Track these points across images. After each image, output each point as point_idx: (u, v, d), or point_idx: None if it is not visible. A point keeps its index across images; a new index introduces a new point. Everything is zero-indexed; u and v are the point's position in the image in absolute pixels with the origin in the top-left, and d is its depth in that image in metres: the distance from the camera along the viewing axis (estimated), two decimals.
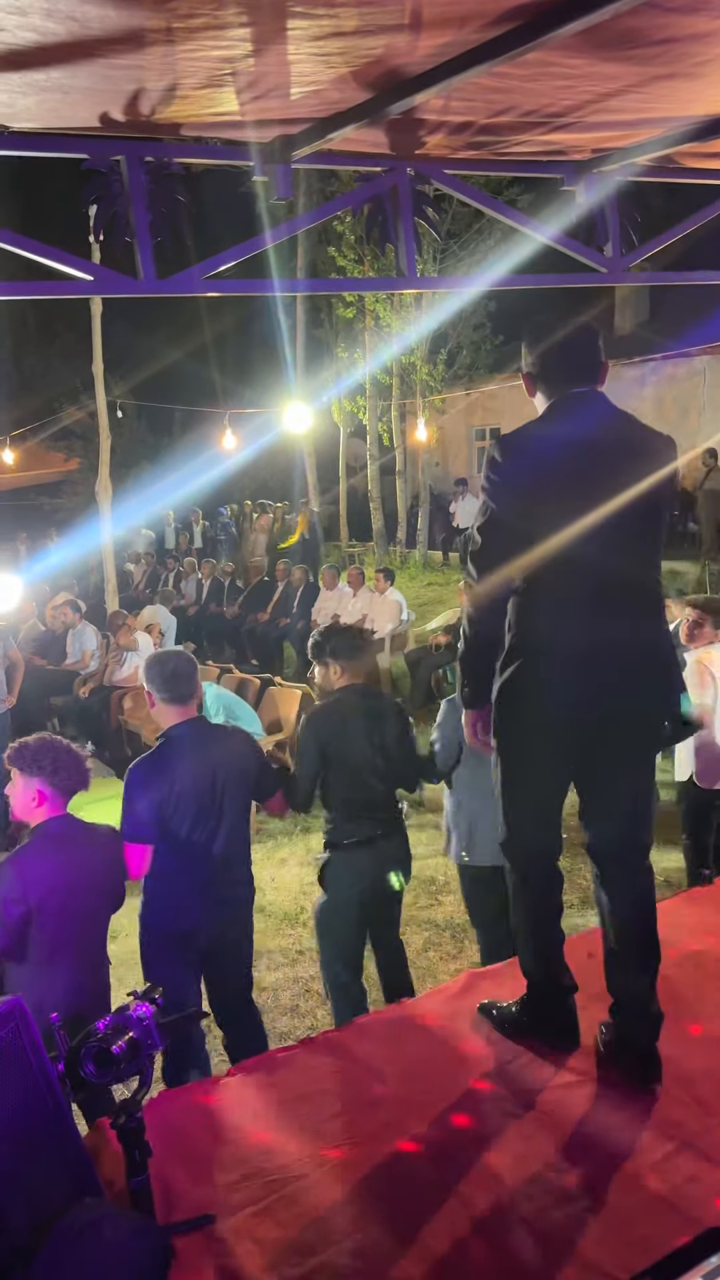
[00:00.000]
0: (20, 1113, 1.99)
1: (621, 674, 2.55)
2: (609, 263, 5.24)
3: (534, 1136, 2.40)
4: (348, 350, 20.13)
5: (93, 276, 4.25)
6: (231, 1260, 2.06)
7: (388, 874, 3.85)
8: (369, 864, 3.80)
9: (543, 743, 2.64)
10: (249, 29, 2.88)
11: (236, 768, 3.55)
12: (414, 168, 4.66)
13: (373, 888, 3.83)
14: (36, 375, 26.92)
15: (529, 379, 2.70)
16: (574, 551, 2.48)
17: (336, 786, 3.79)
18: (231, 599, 13.64)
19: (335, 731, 3.77)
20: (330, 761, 3.76)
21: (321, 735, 3.77)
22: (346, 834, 3.79)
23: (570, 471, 2.54)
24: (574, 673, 2.55)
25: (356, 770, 3.77)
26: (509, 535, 2.56)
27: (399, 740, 3.91)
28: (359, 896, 3.81)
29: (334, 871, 3.83)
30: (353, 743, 3.76)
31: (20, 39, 2.82)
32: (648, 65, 3.38)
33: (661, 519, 2.66)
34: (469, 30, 2.96)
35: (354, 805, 3.78)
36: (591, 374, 2.66)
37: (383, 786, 3.85)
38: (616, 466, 2.56)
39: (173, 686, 3.49)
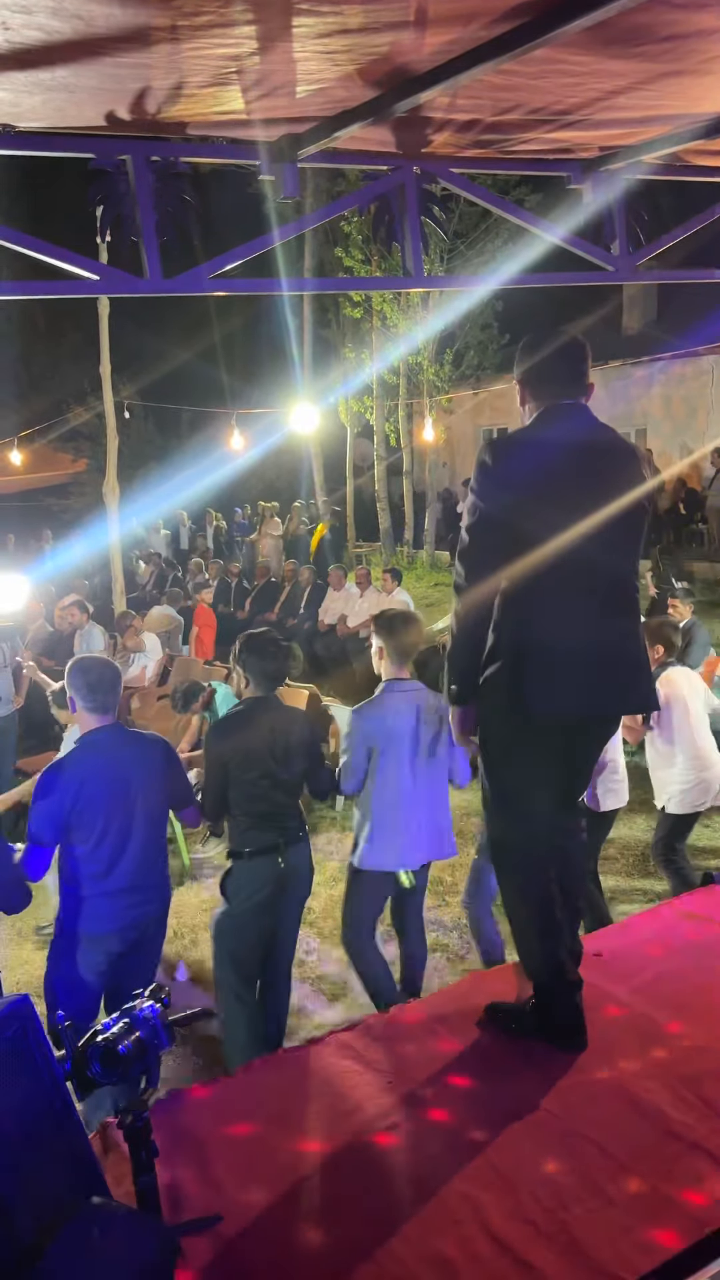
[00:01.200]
0: (27, 1111, 1.99)
1: (603, 671, 2.66)
2: (616, 261, 5.23)
3: (541, 1137, 2.39)
4: (355, 350, 20.13)
5: (99, 276, 4.26)
6: (238, 1260, 2.06)
7: (289, 883, 3.84)
8: (270, 873, 3.78)
9: (529, 739, 2.70)
10: (255, 26, 2.88)
11: (151, 776, 3.54)
12: (420, 166, 4.65)
13: (273, 897, 3.81)
14: (45, 376, 26.98)
15: (520, 387, 2.83)
16: (561, 551, 2.57)
17: (238, 797, 3.78)
18: (240, 599, 13.64)
19: (236, 744, 3.77)
20: (231, 773, 3.76)
21: (222, 747, 3.78)
22: (247, 843, 3.78)
23: (559, 472, 2.64)
24: (559, 670, 2.61)
25: (257, 781, 3.77)
26: (498, 534, 2.63)
27: (305, 752, 3.92)
28: (258, 906, 3.79)
29: (235, 881, 3.82)
30: (254, 754, 3.75)
31: (26, 38, 2.82)
32: (655, 62, 3.36)
33: (643, 522, 2.77)
34: (475, 27, 2.95)
35: (255, 816, 3.78)
36: (579, 388, 2.78)
37: (284, 798, 3.85)
38: (601, 469, 2.69)
39: (95, 695, 3.51)
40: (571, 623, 2.61)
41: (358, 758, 3.99)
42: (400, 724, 3.99)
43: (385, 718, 4.00)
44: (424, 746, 4.05)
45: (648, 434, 19.22)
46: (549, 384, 2.76)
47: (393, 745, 3.99)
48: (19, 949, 5.43)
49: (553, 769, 2.78)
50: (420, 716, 4.03)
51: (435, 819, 4.10)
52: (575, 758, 2.84)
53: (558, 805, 2.84)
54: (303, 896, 4.00)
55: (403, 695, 4.05)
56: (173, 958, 5.25)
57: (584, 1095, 2.54)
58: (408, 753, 4.00)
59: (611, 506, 2.62)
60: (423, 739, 4.04)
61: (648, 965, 3.17)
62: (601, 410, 2.81)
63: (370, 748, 3.98)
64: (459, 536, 2.72)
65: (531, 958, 2.84)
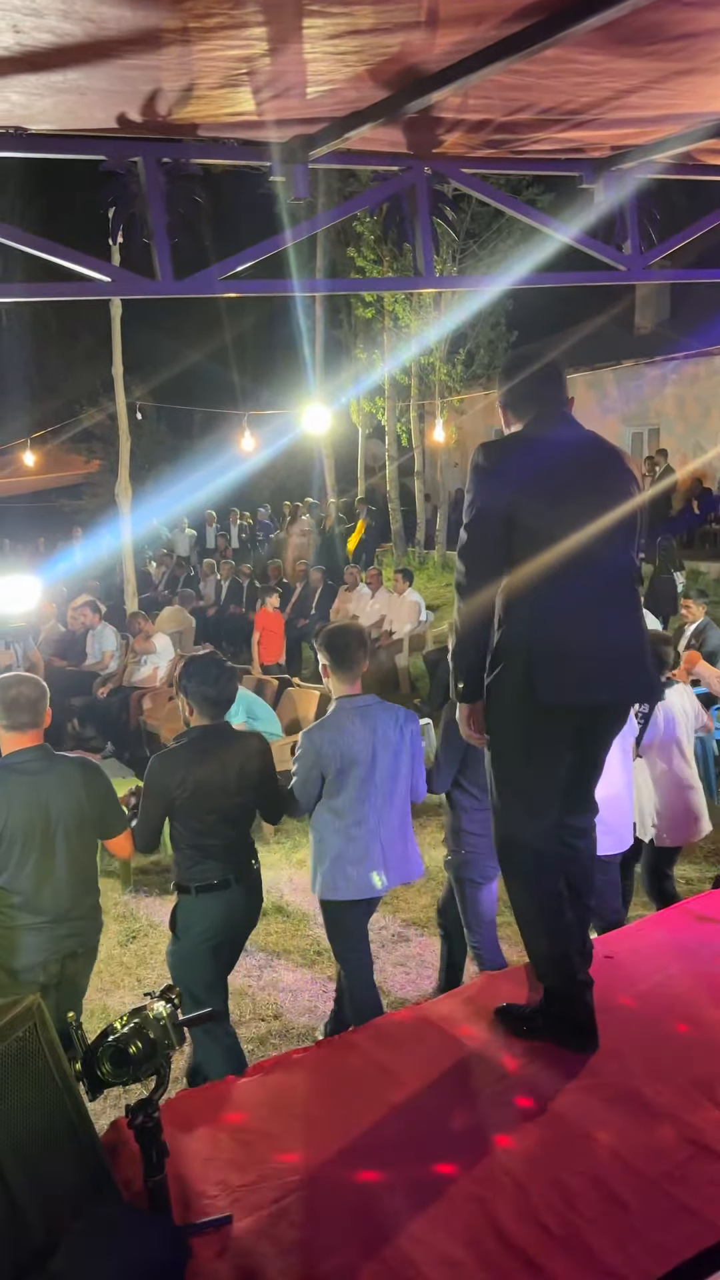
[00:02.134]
0: (37, 1112, 1.99)
1: (608, 660, 2.67)
2: (628, 261, 5.21)
3: (551, 1140, 2.39)
4: (366, 351, 20.13)
5: (111, 278, 4.27)
6: (248, 1260, 2.06)
7: (239, 919, 3.65)
8: (219, 910, 3.58)
9: (538, 735, 2.70)
10: (265, 28, 2.88)
11: (71, 801, 3.39)
12: (432, 167, 4.65)
13: (224, 932, 3.61)
14: (58, 378, 27.09)
15: (504, 410, 2.91)
16: (560, 544, 2.59)
17: (185, 831, 3.57)
18: (251, 600, 13.66)
19: (183, 777, 3.52)
20: (178, 808, 3.55)
21: (167, 781, 3.54)
22: (195, 878, 3.57)
23: (552, 467, 2.70)
24: (565, 662, 2.62)
25: (204, 816, 3.55)
26: (496, 530, 2.65)
27: (257, 783, 3.68)
28: (209, 941, 3.57)
29: (184, 917, 3.60)
30: (203, 788, 3.52)
31: (37, 40, 2.83)
32: (667, 60, 3.35)
33: (637, 515, 2.79)
34: (486, 27, 2.95)
35: (203, 850, 3.57)
36: (559, 407, 2.85)
37: (234, 832, 3.63)
38: (593, 464, 2.75)
39: (12, 714, 3.37)
40: (575, 615, 2.63)
41: (310, 780, 3.79)
42: (355, 742, 3.78)
43: (339, 737, 3.78)
44: (383, 765, 3.84)
45: (661, 434, 19.15)
46: (531, 407, 2.84)
47: (349, 766, 3.78)
48: None
49: (561, 766, 2.77)
50: (378, 731, 3.83)
51: (399, 840, 3.92)
52: (584, 753, 2.84)
53: (567, 803, 2.83)
54: (250, 928, 3.78)
55: (357, 712, 3.83)
56: None
57: (595, 1098, 2.53)
58: (365, 772, 3.79)
59: (605, 499, 2.67)
60: (380, 757, 3.83)
61: (659, 967, 3.16)
62: (614, 410, 2.85)
63: (323, 769, 3.78)
64: (460, 535, 2.73)
65: (541, 959, 2.84)
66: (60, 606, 11.18)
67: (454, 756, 4.08)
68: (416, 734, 3.97)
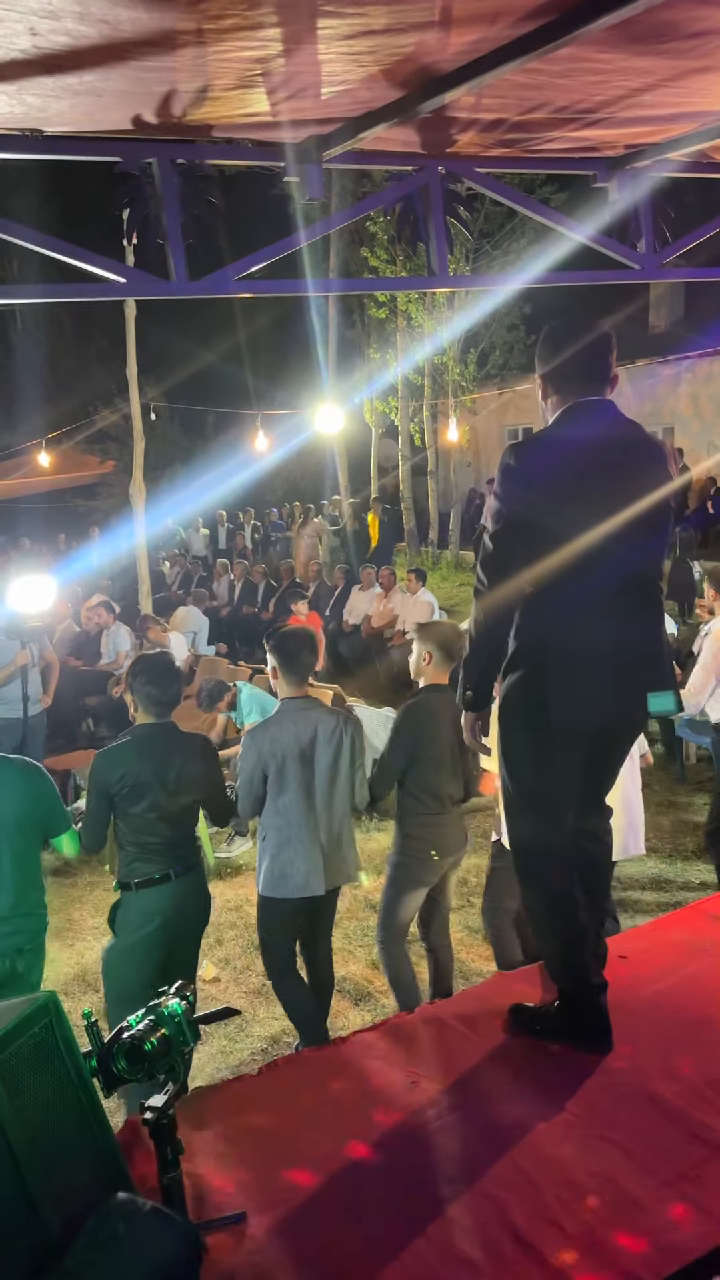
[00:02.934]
0: (53, 1108, 2.00)
1: (628, 674, 2.62)
2: (642, 259, 5.20)
3: (565, 1139, 2.39)
4: (380, 351, 20.14)
5: (126, 279, 4.29)
6: (263, 1258, 2.06)
7: (178, 915, 3.65)
8: (159, 905, 3.60)
9: (552, 745, 2.67)
10: (279, 29, 2.89)
11: (13, 804, 3.43)
12: (446, 166, 4.65)
13: (164, 929, 3.61)
14: (72, 379, 27.23)
15: (543, 383, 2.75)
16: (585, 552, 2.52)
17: (125, 829, 3.62)
18: (266, 600, 13.69)
19: (121, 774, 3.56)
20: (117, 805, 3.58)
21: (107, 778, 3.57)
22: (134, 874, 3.61)
23: (584, 473, 2.58)
24: (582, 677, 2.58)
25: (144, 814, 3.58)
26: (520, 539, 2.57)
27: (199, 783, 3.70)
28: (146, 941, 3.58)
29: (124, 914, 3.63)
30: (141, 786, 3.56)
31: (54, 43, 2.85)
32: (681, 59, 3.34)
33: (669, 522, 2.72)
34: (500, 26, 2.95)
35: (142, 847, 3.61)
36: (603, 383, 2.71)
37: (173, 830, 3.65)
38: (628, 469, 2.62)
39: None
40: (595, 627, 2.56)
41: (252, 781, 3.87)
42: (296, 745, 3.85)
43: (280, 736, 3.86)
44: (323, 768, 3.91)
45: (675, 432, 19.10)
46: (572, 380, 2.68)
47: (288, 767, 3.85)
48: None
49: (576, 773, 2.74)
50: (318, 736, 3.89)
51: (336, 843, 3.97)
52: (599, 762, 2.81)
53: (582, 809, 2.81)
54: (197, 929, 3.81)
55: (300, 715, 3.91)
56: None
57: (609, 1097, 2.53)
58: (303, 773, 3.87)
59: (636, 505, 2.55)
60: (320, 760, 3.90)
61: (673, 967, 3.15)
62: (628, 409, 2.76)
63: (265, 768, 3.85)
64: (481, 542, 2.66)
65: (555, 961, 2.83)
66: (75, 606, 11.23)
67: (398, 761, 4.08)
68: (358, 739, 4.01)
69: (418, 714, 4.10)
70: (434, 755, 4.06)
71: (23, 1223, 1.86)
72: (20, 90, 3.32)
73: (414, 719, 4.09)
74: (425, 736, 4.05)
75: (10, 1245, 1.83)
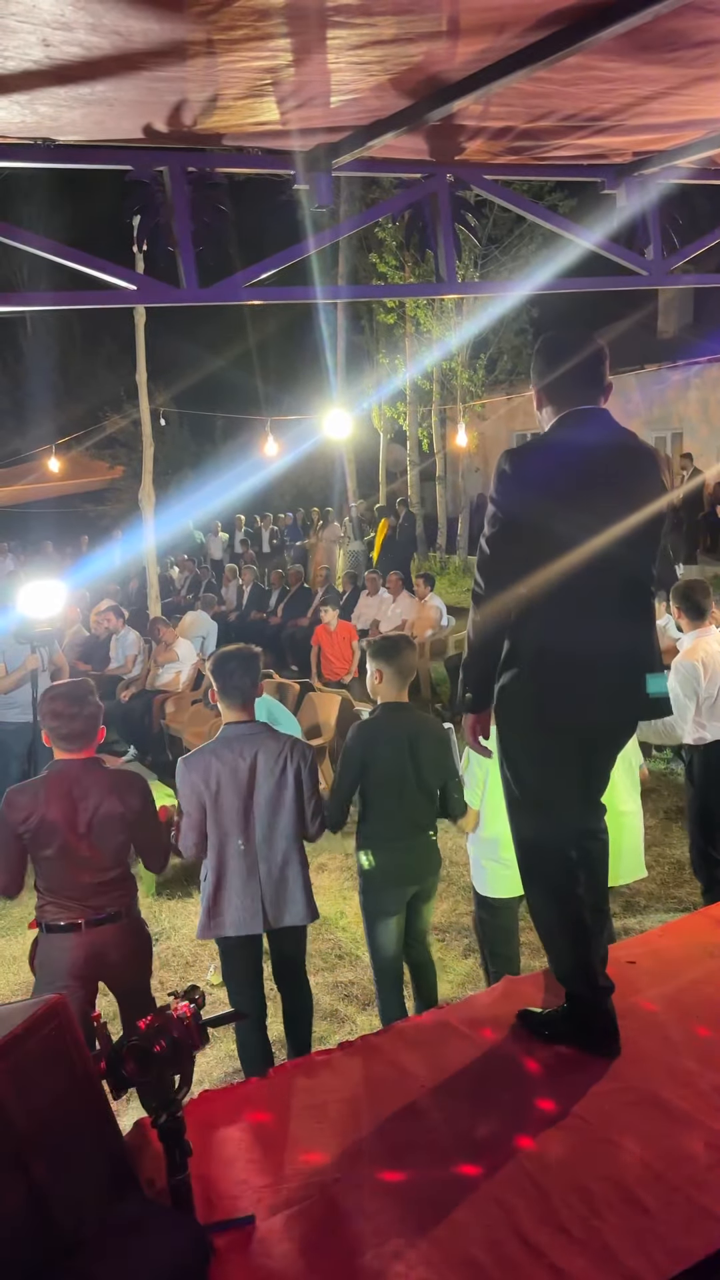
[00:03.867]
0: (62, 1110, 2.02)
1: (620, 677, 2.65)
2: (651, 266, 5.22)
3: (573, 1143, 2.39)
4: (388, 356, 20.17)
5: (136, 286, 4.32)
6: (270, 1260, 2.07)
7: (94, 966, 3.39)
8: (63, 959, 3.36)
9: (548, 746, 2.70)
10: (289, 39, 2.91)
11: None
12: (454, 173, 4.67)
13: (79, 982, 3.35)
14: (82, 384, 27.34)
15: (539, 394, 2.79)
16: (580, 556, 2.55)
17: (37, 872, 3.40)
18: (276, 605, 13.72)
19: (28, 815, 3.31)
20: (28, 847, 3.36)
21: (12, 817, 3.32)
22: (45, 918, 3.39)
23: (580, 479, 2.63)
24: (577, 679, 2.61)
25: (53, 860, 3.34)
26: (517, 544, 2.61)
27: (119, 825, 3.41)
28: (66, 986, 3.28)
29: (41, 955, 3.41)
30: (47, 828, 3.31)
31: (66, 54, 2.88)
32: (689, 67, 3.36)
33: (661, 525, 2.74)
34: (507, 36, 2.97)
35: (52, 894, 3.37)
36: (597, 392, 2.75)
37: (89, 877, 3.36)
38: (622, 475, 2.66)
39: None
40: (589, 630, 2.61)
41: (190, 814, 3.64)
42: (231, 772, 3.63)
43: (213, 764, 3.63)
44: (264, 797, 3.66)
45: (684, 438, 19.07)
46: (567, 390, 2.72)
47: (224, 798, 3.62)
48: None
49: (574, 773, 2.77)
50: (259, 762, 3.65)
51: (280, 881, 3.71)
52: (595, 761, 2.83)
53: (582, 808, 2.83)
54: (125, 979, 3.49)
55: (240, 739, 3.67)
56: (204, 959, 5.29)
57: (617, 1102, 2.53)
58: (241, 804, 3.64)
59: (631, 510, 2.60)
60: (261, 787, 3.65)
61: (681, 972, 3.15)
62: (637, 414, 2.80)
63: (202, 800, 3.62)
64: (479, 547, 2.70)
65: (562, 964, 2.84)
66: (84, 611, 11.26)
67: (345, 782, 3.86)
68: (306, 767, 3.74)
69: (366, 733, 3.88)
70: (389, 776, 3.83)
71: (32, 1223, 1.87)
72: (33, 100, 3.35)
73: (362, 738, 3.87)
74: (375, 756, 3.82)
75: (20, 1246, 1.84)
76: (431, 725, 4.03)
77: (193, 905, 5.96)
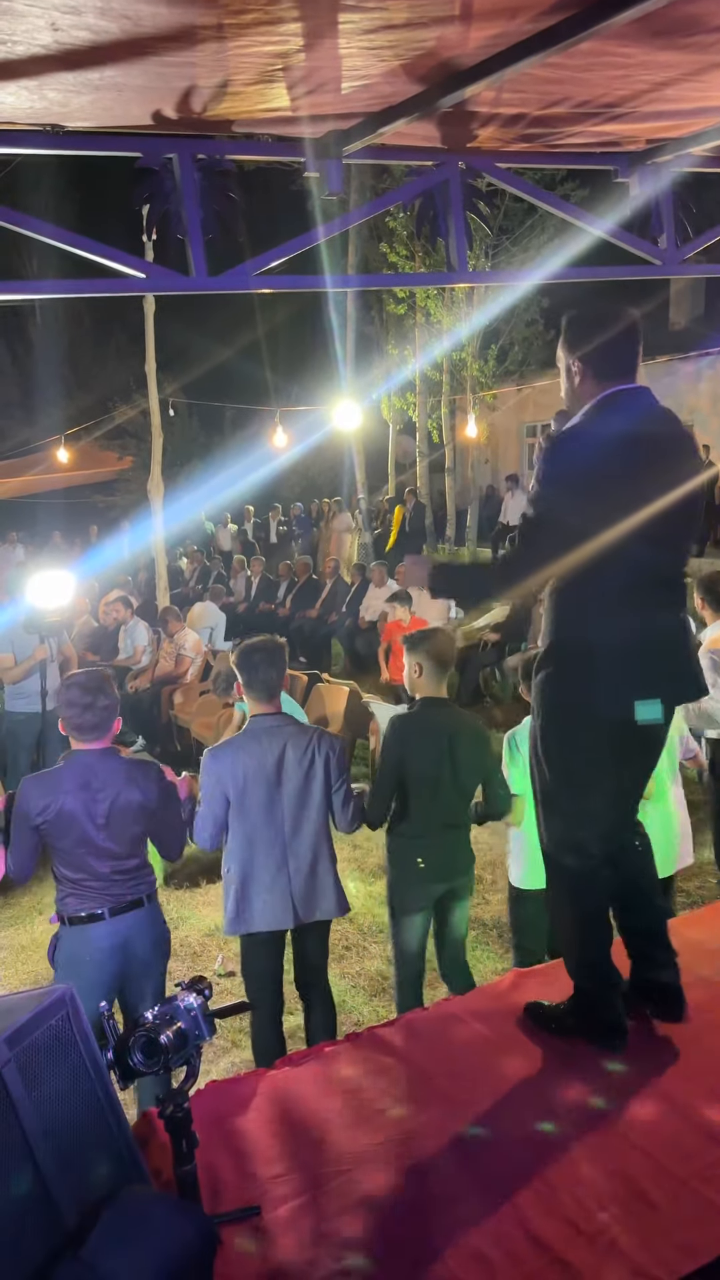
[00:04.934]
0: (69, 1100, 2.01)
1: (663, 665, 2.62)
2: (664, 255, 5.18)
3: (580, 1137, 2.38)
4: (398, 347, 20.10)
5: (146, 274, 4.30)
6: (276, 1252, 2.07)
7: (119, 956, 3.40)
8: (86, 947, 3.36)
9: (590, 739, 2.66)
10: (300, 24, 2.88)
11: None
12: (466, 161, 4.63)
13: (99, 969, 3.36)
14: (91, 374, 27.31)
15: (578, 365, 2.68)
16: (623, 548, 2.50)
17: (56, 862, 3.39)
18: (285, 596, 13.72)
19: (47, 804, 3.31)
20: (45, 836, 3.36)
21: (29, 807, 3.32)
22: (68, 910, 3.40)
23: (625, 468, 2.55)
24: (624, 670, 2.57)
25: (72, 849, 3.34)
26: (560, 534, 2.55)
27: (137, 815, 3.41)
28: (89, 978, 3.30)
29: (64, 949, 3.42)
30: (66, 817, 3.31)
31: (75, 38, 2.85)
32: (705, 53, 3.32)
33: (699, 514, 2.72)
34: (521, 21, 2.94)
35: (73, 884, 3.38)
36: (635, 370, 2.69)
37: (107, 866, 3.37)
38: (666, 463, 2.60)
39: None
40: (633, 621, 2.56)
41: (213, 806, 3.60)
42: (260, 766, 3.59)
43: (240, 757, 3.59)
44: (291, 792, 3.61)
45: (696, 429, 18.94)
46: (609, 365, 2.64)
47: (250, 792, 3.58)
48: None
49: (612, 769, 2.72)
50: (286, 755, 3.61)
51: (309, 873, 3.67)
52: (640, 754, 2.80)
53: (617, 808, 2.80)
54: (147, 967, 3.49)
55: (267, 732, 3.63)
56: (212, 949, 5.30)
57: (624, 1096, 2.52)
58: (268, 796, 3.60)
59: (671, 500, 2.54)
60: (289, 781, 3.61)
61: (689, 966, 3.13)
62: None
63: (226, 794, 3.58)
64: (520, 525, 2.64)
65: (572, 958, 2.83)
66: (93, 601, 11.27)
67: (388, 778, 3.83)
68: (335, 758, 3.70)
69: (408, 728, 3.87)
70: (425, 773, 3.80)
71: (39, 1213, 1.87)
72: (41, 85, 3.33)
73: (403, 733, 3.85)
74: (416, 752, 3.81)
75: (26, 1235, 1.84)
76: (470, 723, 3.99)
77: (201, 896, 5.97)
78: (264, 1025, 3.82)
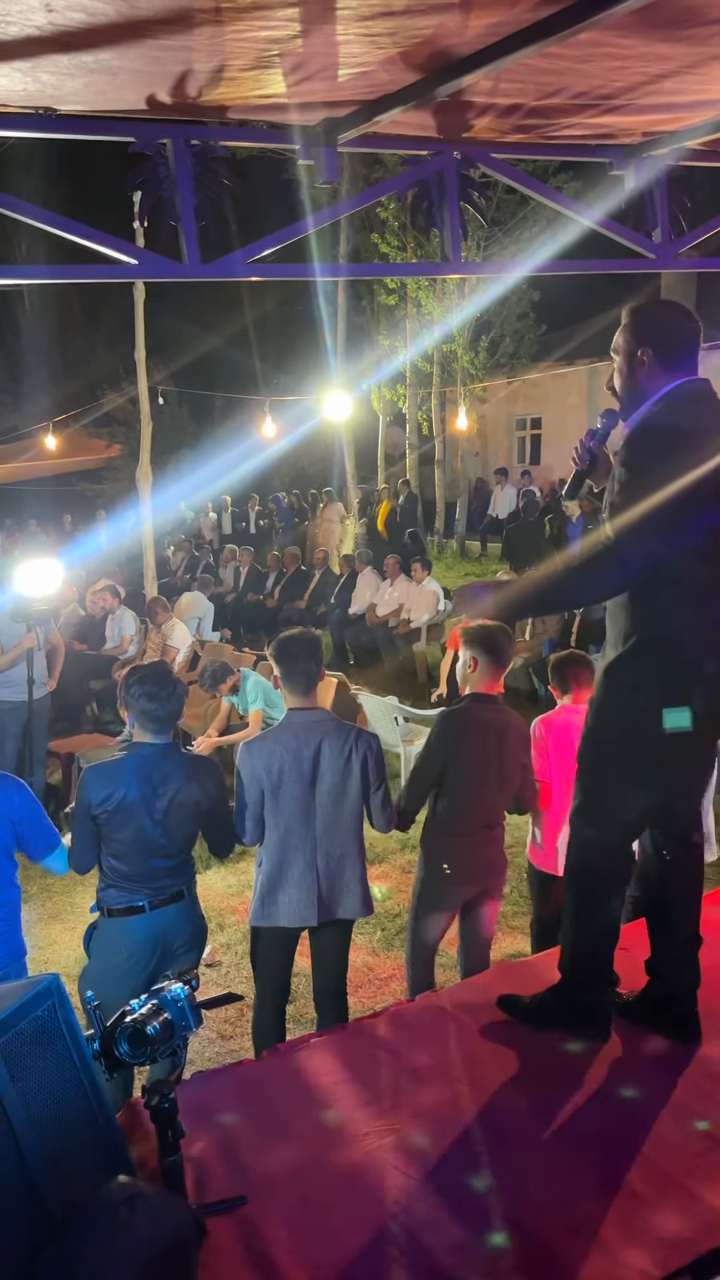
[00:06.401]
0: (55, 1090, 2.00)
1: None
2: (657, 248, 5.17)
3: (565, 1131, 2.39)
4: (389, 337, 20.06)
5: (138, 260, 4.27)
6: (262, 1242, 2.07)
7: (158, 948, 3.38)
8: (127, 939, 3.35)
9: (644, 749, 2.61)
10: (297, 9, 2.86)
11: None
12: (461, 151, 4.61)
13: (136, 960, 3.34)
14: (79, 361, 27.16)
15: (649, 352, 2.60)
16: (710, 549, 2.50)
17: (106, 853, 3.38)
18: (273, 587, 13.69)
19: (107, 796, 3.31)
20: (101, 828, 3.35)
21: (90, 797, 3.32)
22: (109, 901, 3.38)
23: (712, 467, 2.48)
24: (704, 686, 2.54)
25: (126, 842, 3.33)
26: (649, 533, 2.46)
27: (193, 812, 3.41)
28: (121, 968, 3.32)
29: (97, 940, 3.41)
30: (125, 810, 3.31)
31: (69, 20, 2.82)
32: (703, 46, 3.31)
33: None
34: (520, 10, 2.92)
35: (120, 875, 3.36)
36: (697, 362, 2.67)
37: (158, 861, 3.36)
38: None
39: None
40: (703, 624, 2.53)
41: (249, 801, 3.57)
42: (295, 760, 3.53)
43: (276, 750, 3.54)
44: (326, 789, 3.56)
45: None
46: (680, 355, 2.61)
47: (285, 786, 3.53)
48: (48, 928, 5.48)
49: (652, 798, 2.72)
50: (323, 752, 3.55)
51: (338, 872, 3.62)
52: (707, 747, 2.74)
53: (656, 820, 2.78)
54: (181, 961, 3.43)
55: (304, 727, 3.57)
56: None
57: (608, 1089, 2.53)
58: (303, 792, 3.55)
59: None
60: (324, 777, 3.55)
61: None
62: None
63: (261, 785, 3.55)
64: (612, 518, 2.52)
65: (568, 950, 2.82)
66: (80, 590, 11.22)
67: (431, 773, 3.78)
68: (373, 758, 3.64)
69: (457, 724, 3.78)
70: (471, 771, 3.74)
71: (24, 1204, 1.86)
72: (35, 68, 3.29)
73: (452, 729, 3.77)
74: (463, 749, 3.74)
75: (11, 1226, 1.83)
76: (518, 722, 3.92)
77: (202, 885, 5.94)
78: (267, 1015, 3.79)
